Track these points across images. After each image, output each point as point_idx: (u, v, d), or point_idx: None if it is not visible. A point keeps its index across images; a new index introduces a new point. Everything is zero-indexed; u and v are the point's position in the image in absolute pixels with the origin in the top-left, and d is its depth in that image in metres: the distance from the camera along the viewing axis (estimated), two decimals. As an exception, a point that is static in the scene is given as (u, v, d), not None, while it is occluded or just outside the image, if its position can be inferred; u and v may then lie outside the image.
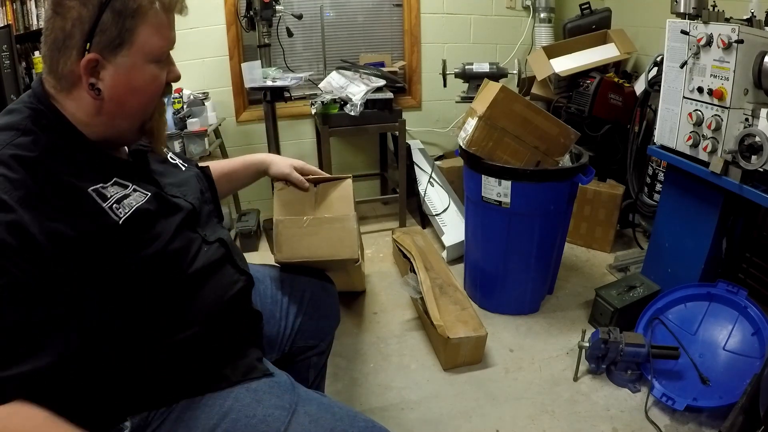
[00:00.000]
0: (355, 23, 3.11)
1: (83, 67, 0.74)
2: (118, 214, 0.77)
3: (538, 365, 1.86)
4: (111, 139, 0.83)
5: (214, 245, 0.93)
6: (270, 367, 0.95)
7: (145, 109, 0.83)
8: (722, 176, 1.59)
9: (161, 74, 0.82)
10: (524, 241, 1.99)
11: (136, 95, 0.80)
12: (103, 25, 0.73)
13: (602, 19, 2.90)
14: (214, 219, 1.03)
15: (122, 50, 0.75)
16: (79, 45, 0.73)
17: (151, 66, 0.79)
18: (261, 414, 0.83)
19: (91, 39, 0.73)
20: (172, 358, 0.82)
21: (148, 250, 0.79)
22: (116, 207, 0.77)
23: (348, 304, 2.24)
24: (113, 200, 0.78)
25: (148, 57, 0.78)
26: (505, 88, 1.84)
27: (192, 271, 0.86)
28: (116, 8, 0.73)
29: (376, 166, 3.34)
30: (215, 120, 2.73)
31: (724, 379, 1.58)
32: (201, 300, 0.87)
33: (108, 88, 0.76)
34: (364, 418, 0.89)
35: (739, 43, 1.46)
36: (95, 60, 0.74)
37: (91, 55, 0.73)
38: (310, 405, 0.87)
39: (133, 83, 0.78)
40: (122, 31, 0.74)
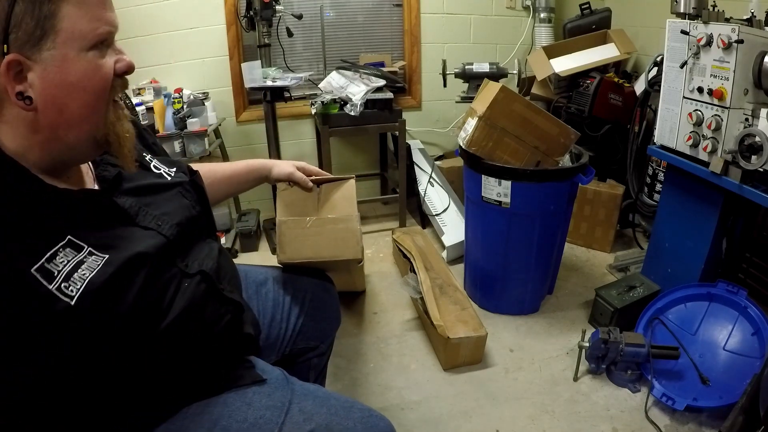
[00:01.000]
0: (355, 23, 3.11)
1: (4, 74, 0.61)
2: (69, 294, 0.63)
3: (538, 365, 1.86)
4: (62, 160, 0.70)
5: (195, 279, 0.82)
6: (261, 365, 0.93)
7: (91, 111, 0.68)
8: (722, 176, 1.59)
9: (105, 63, 0.67)
10: (524, 241, 1.99)
11: (75, 94, 0.66)
12: (16, 18, 0.60)
13: (602, 19, 2.90)
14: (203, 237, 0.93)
15: (46, 42, 0.62)
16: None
17: (88, 54, 0.65)
18: (252, 417, 0.81)
19: (6, 38, 0.60)
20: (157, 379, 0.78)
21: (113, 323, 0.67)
22: (64, 286, 0.63)
23: (348, 304, 2.24)
24: (62, 277, 0.63)
25: (81, 44, 0.64)
26: (505, 88, 1.84)
27: (168, 322, 0.75)
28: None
29: (376, 166, 3.34)
30: (215, 120, 2.73)
31: (724, 379, 1.58)
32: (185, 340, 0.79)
33: (39, 93, 0.63)
34: (361, 407, 0.87)
35: (739, 43, 1.46)
36: (17, 61, 0.61)
37: (11, 57, 0.60)
38: (305, 400, 0.85)
39: (69, 78, 0.64)
40: (40, 19, 0.61)
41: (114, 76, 0.69)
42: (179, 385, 0.82)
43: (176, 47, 2.76)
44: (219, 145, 2.83)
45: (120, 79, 0.71)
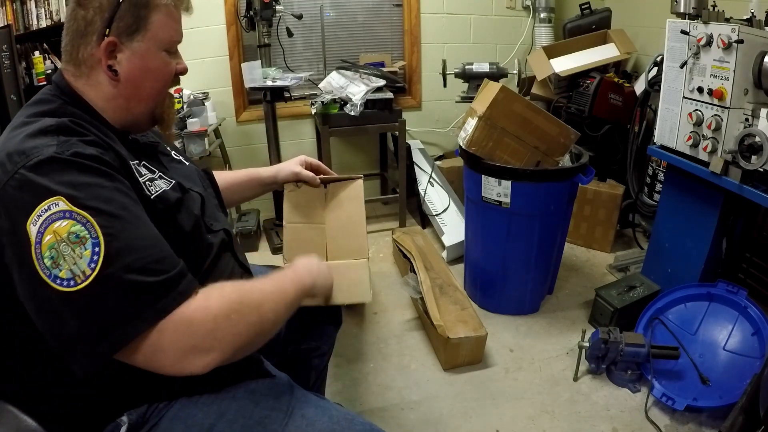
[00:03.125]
0: (355, 23, 3.10)
1: (103, 50, 0.80)
2: (150, 191, 0.82)
3: (538, 365, 1.86)
4: (126, 125, 0.88)
5: (219, 234, 0.96)
6: (270, 368, 0.95)
7: (158, 93, 0.89)
8: (722, 176, 1.59)
9: (172, 62, 0.89)
10: (524, 241, 1.99)
11: (149, 78, 0.86)
12: (121, 13, 0.80)
13: (602, 19, 2.90)
14: (220, 211, 1.05)
15: (137, 35, 0.82)
16: (99, 31, 0.80)
17: (163, 53, 0.86)
18: (258, 416, 0.83)
19: (110, 25, 0.80)
20: None
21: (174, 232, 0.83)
22: (148, 184, 0.83)
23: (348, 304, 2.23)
24: (146, 178, 0.84)
25: (160, 44, 0.85)
26: (505, 88, 1.84)
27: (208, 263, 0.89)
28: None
29: (376, 166, 3.34)
30: (215, 120, 2.73)
31: (724, 379, 1.58)
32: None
33: (124, 70, 0.83)
34: (362, 421, 0.88)
35: (739, 43, 1.46)
36: (113, 43, 0.81)
37: (110, 39, 0.80)
38: (308, 408, 0.87)
39: (148, 66, 0.85)
40: (137, 18, 0.82)
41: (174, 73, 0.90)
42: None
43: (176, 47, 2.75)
44: (219, 145, 2.83)
45: (176, 77, 0.91)
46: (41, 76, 2.67)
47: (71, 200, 0.68)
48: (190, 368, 0.71)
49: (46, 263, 0.66)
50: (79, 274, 0.66)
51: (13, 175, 0.69)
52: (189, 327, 0.71)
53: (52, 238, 0.67)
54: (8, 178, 0.69)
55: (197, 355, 0.71)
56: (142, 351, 0.69)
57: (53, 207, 0.67)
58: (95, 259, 0.67)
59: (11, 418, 0.74)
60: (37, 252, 0.67)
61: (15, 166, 0.69)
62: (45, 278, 0.66)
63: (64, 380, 0.77)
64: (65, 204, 0.68)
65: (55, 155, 0.70)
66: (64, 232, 0.67)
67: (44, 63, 2.65)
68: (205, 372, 0.73)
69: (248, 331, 0.76)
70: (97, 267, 0.67)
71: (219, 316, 0.73)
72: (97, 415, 0.79)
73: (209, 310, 0.72)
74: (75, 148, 0.72)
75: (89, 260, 0.67)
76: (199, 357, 0.71)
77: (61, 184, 0.68)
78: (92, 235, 0.68)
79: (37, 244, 0.67)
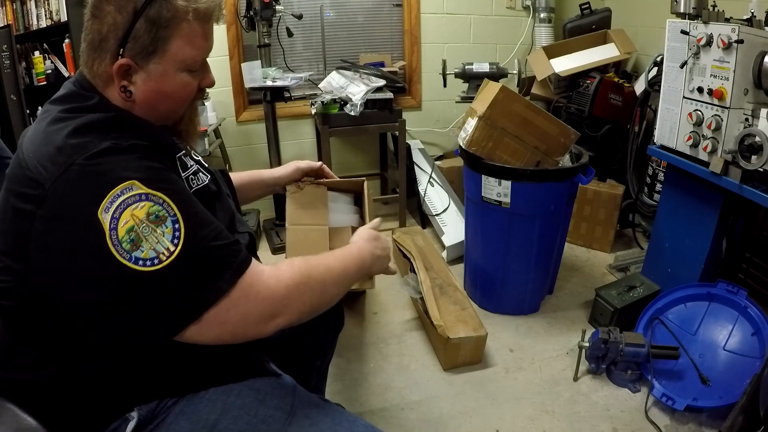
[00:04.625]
0: (355, 23, 3.11)
1: (116, 71, 0.76)
2: (191, 185, 0.83)
3: (538, 365, 1.86)
4: None
5: (244, 236, 0.96)
6: (274, 368, 0.95)
7: (174, 113, 0.87)
8: (722, 176, 1.59)
9: (193, 82, 0.84)
10: (524, 241, 1.99)
11: (166, 101, 0.82)
12: (136, 33, 0.75)
13: (602, 19, 2.90)
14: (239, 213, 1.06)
15: (154, 58, 0.77)
16: (113, 49, 0.76)
17: (183, 74, 0.81)
18: (262, 414, 0.83)
19: (124, 45, 0.75)
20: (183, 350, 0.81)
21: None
22: (192, 178, 0.85)
23: (348, 304, 2.23)
24: (191, 171, 0.85)
25: (181, 66, 0.80)
26: (505, 88, 1.84)
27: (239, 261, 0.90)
28: (150, 17, 0.74)
29: (376, 166, 3.34)
30: (215, 120, 2.73)
31: (724, 379, 1.58)
32: None
33: (139, 92, 0.79)
34: (364, 423, 0.89)
35: (739, 43, 1.46)
36: (127, 65, 0.76)
37: (124, 61, 0.75)
38: (311, 409, 0.87)
39: (164, 89, 0.80)
40: (155, 39, 0.76)
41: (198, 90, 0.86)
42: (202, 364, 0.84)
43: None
44: (219, 145, 2.83)
45: (201, 91, 0.88)
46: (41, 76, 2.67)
47: (145, 182, 0.70)
48: (265, 330, 0.78)
49: (125, 247, 0.68)
50: (163, 251, 0.69)
51: (69, 166, 0.68)
52: (267, 292, 0.77)
53: (131, 221, 0.68)
54: (63, 170, 0.68)
55: (272, 319, 0.78)
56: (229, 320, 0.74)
57: (127, 191, 0.69)
58: (177, 235, 0.70)
59: (11, 416, 0.74)
60: (113, 237, 0.67)
61: (70, 158, 0.69)
62: (125, 262, 0.67)
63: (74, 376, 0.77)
64: (139, 187, 0.69)
65: (113, 145, 0.71)
66: (142, 214, 0.69)
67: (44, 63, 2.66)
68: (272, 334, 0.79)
69: (312, 302, 0.83)
70: (180, 242, 0.70)
71: (290, 285, 0.79)
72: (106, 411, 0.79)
73: (282, 279, 0.79)
74: (132, 140, 0.74)
75: (171, 237, 0.70)
76: (271, 321, 0.78)
77: (130, 169, 0.70)
78: (170, 213, 0.71)
79: (113, 230, 0.67)
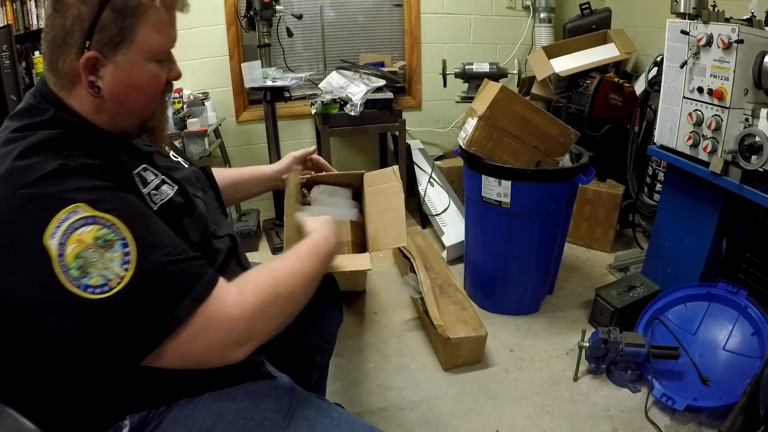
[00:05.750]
0: (355, 23, 3.11)
1: (82, 65, 0.73)
2: (154, 201, 0.79)
3: (538, 365, 1.86)
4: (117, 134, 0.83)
5: (224, 239, 0.94)
6: (270, 369, 0.94)
7: (146, 108, 0.83)
8: (722, 176, 1.59)
9: (162, 73, 0.81)
10: (524, 241, 1.99)
11: (136, 93, 0.79)
12: (102, 23, 0.72)
13: (602, 19, 2.90)
14: (221, 215, 1.04)
15: (122, 48, 0.74)
16: (78, 43, 0.72)
17: (152, 64, 0.78)
18: (258, 417, 0.82)
19: (90, 37, 0.72)
20: None
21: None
22: (154, 193, 0.79)
23: (348, 304, 2.24)
24: (152, 186, 0.80)
25: (149, 55, 0.77)
26: (505, 88, 1.84)
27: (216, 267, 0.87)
28: (116, 6, 0.72)
29: (376, 166, 3.33)
30: (215, 120, 2.73)
31: (724, 379, 1.58)
32: None
33: (108, 86, 0.75)
34: (363, 423, 0.88)
35: (739, 43, 1.46)
36: (95, 58, 0.73)
37: (91, 53, 0.72)
38: (309, 410, 0.86)
39: (133, 81, 0.77)
40: (122, 29, 0.73)
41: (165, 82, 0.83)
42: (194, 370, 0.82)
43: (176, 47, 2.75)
44: (219, 145, 2.83)
45: (169, 84, 0.84)
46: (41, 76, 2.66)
47: (92, 204, 0.66)
48: (234, 358, 0.74)
49: (74, 274, 0.64)
50: (112, 277, 0.65)
51: (16, 191, 0.65)
52: (229, 323, 0.72)
53: (78, 246, 0.64)
54: (11, 195, 0.65)
55: (238, 347, 0.74)
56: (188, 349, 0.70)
57: (73, 215, 0.65)
58: (127, 260, 0.66)
59: (11, 420, 0.73)
60: (61, 264, 0.64)
61: (17, 182, 0.66)
62: (74, 290, 0.64)
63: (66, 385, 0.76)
64: (86, 210, 0.65)
65: (60, 166, 0.67)
66: (89, 238, 0.65)
67: (44, 63, 2.65)
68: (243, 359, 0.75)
69: (280, 319, 0.79)
70: (131, 267, 0.66)
71: (255, 311, 0.74)
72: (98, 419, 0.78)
73: (246, 306, 0.74)
74: (81, 160, 0.70)
75: (121, 262, 0.66)
76: (239, 348, 0.74)
77: (76, 191, 0.66)
78: (119, 236, 0.66)
79: (60, 256, 0.64)
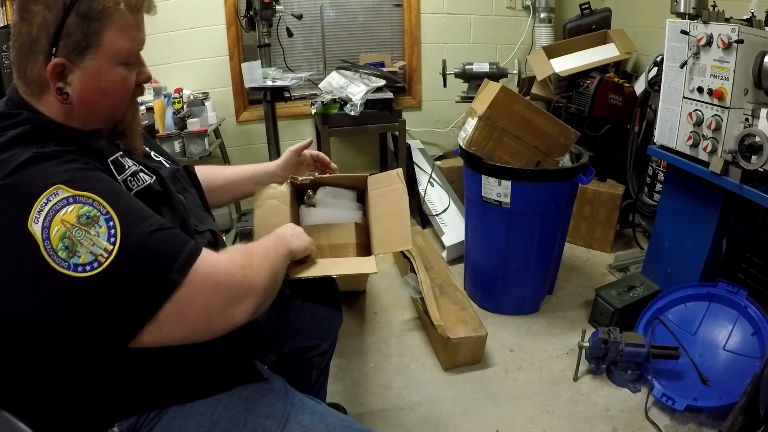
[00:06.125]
0: (355, 23, 3.11)
1: (50, 72, 0.73)
2: (130, 187, 0.79)
3: (538, 365, 1.86)
4: None
5: (205, 235, 0.94)
6: (264, 372, 0.93)
7: (115, 111, 0.83)
8: (722, 176, 1.59)
9: (130, 76, 0.81)
10: (524, 241, 1.99)
11: (105, 98, 0.79)
12: (68, 29, 0.72)
13: (602, 19, 2.90)
14: (204, 211, 1.03)
15: (89, 53, 0.74)
16: (45, 50, 0.72)
17: (120, 68, 0.78)
18: (252, 424, 0.81)
19: (56, 43, 0.72)
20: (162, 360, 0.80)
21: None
22: (130, 180, 0.80)
23: (348, 304, 2.24)
24: (129, 173, 0.80)
25: (116, 59, 0.77)
26: (505, 88, 1.84)
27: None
28: (81, 11, 0.72)
29: (376, 166, 3.34)
30: (215, 120, 2.73)
31: (724, 379, 1.58)
32: None
33: (76, 92, 0.75)
34: (359, 427, 0.87)
35: (739, 43, 1.46)
36: (62, 65, 0.73)
37: (57, 60, 0.72)
38: (303, 414, 0.85)
39: (102, 86, 0.77)
40: (88, 34, 0.73)
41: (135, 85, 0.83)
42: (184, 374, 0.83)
43: (176, 47, 2.76)
44: (219, 145, 2.84)
45: (139, 87, 0.84)
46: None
47: (70, 185, 0.66)
48: (236, 318, 0.76)
49: (62, 255, 0.64)
50: (101, 252, 0.65)
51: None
52: (226, 277, 0.75)
53: (62, 227, 0.65)
54: None
55: (238, 303, 0.76)
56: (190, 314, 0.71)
57: (53, 197, 0.65)
58: (113, 233, 0.66)
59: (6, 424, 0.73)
60: (47, 248, 0.64)
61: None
62: (64, 271, 0.64)
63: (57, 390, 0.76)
64: (66, 190, 0.66)
65: (35, 154, 0.68)
66: (72, 217, 0.65)
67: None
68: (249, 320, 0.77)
69: (267, 273, 0.82)
70: (117, 240, 0.66)
71: (245, 265, 0.79)
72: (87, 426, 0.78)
73: (235, 260, 0.78)
74: (54, 147, 0.70)
75: (107, 236, 0.66)
76: (240, 305, 0.76)
77: (53, 175, 0.67)
78: (102, 212, 0.67)
79: (46, 240, 0.64)
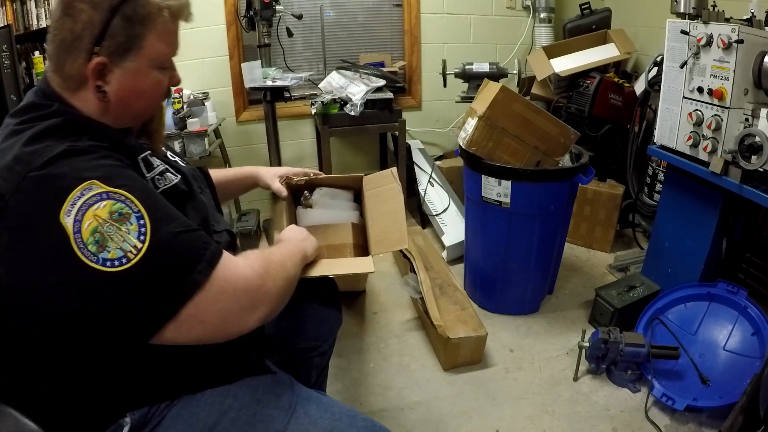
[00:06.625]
0: (355, 23, 3.11)
1: (91, 71, 0.75)
2: (157, 186, 0.81)
3: (538, 365, 1.86)
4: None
5: (222, 234, 0.96)
6: (270, 365, 0.95)
7: (147, 112, 0.87)
8: (722, 176, 1.59)
9: (164, 79, 0.85)
10: (524, 241, 1.99)
11: (140, 99, 0.82)
12: (112, 30, 0.74)
13: (602, 19, 2.90)
14: (217, 212, 1.06)
15: (130, 55, 0.77)
16: (87, 48, 0.74)
17: (156, 71, 0.82)
18: (260, 414, 0.83)
19: (100, 42, 0.74)
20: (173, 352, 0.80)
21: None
22: (158, 179, 0.83)
23: (348, 304, 2.24)
24: (157, 171, 0.83)
25: (154, 63, 0.80)
26: (505, 88, 1.84)
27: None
28: (126, 14, 0.74)
29: (376, 166, 3.33)
30: (215, 120, 2.73)
31: (724, 379, 1.58)
32: None
33: (114, 91, 0.78)
34: (364, 417, 0.89)
35: (739, 43, 1.46)
36: (103, 64, 0.75)
37: (100, 59, 0.75)
38: (309, 405, 0.87)
39: (139, 87, 0.80)
40: (131, 36, 0.76)
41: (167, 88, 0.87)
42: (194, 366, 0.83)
43: (176, 47, 2.76)
44: (219, 145, 2.83)
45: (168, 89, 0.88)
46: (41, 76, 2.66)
47: (104, 181, 0.68)
48: (249, 324, 0.77)
49: (91, 249, 0.66)
50: (130, 249, 0.67)
51: (27, 174, 0.67)
52: (245, 283, 0.77)
53: (94, 222, 0.66)
54: (22, 178, 0.67)
55: (254, 309, 0.78)
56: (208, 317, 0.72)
57: (87, 192, 0.67)
58: (143, 231, 0.68)
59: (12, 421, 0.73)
60: (78, 240, 0.65)
61: (28, 166, 0.67)
62: (93, 265, 0.66)
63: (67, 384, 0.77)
64: (100, 186, 0.68)
65: (69, 147, 0.70)
66: (105, 213, 0.67)
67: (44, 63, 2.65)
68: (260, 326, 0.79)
69: (283, 283, 0.84)
70: (147, 238, 0.68)
71: (263, 272, 0.80)
72: (98, 417, 0.79)
73: (255, 267, 0.80)
74: (89, 142, 0.72)
75: (137, 234, 0.68)
76: (255, 311, 0.78)
77: (88, 170, 0.69)
78: (134, 210, 0.69)
79: (77, 233, 0.66)
